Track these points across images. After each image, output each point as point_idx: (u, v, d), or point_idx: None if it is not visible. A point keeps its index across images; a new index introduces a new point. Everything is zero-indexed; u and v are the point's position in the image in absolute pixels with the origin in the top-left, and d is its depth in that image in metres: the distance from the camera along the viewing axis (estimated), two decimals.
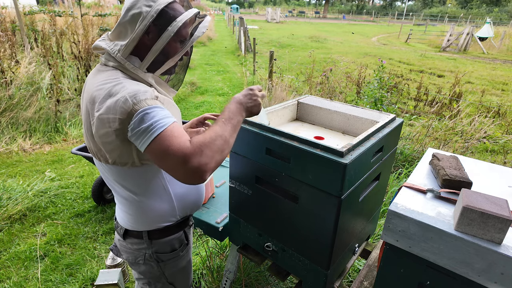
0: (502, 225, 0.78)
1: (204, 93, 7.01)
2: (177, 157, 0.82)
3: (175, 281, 1.24)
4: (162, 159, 0.84)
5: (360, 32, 24.62)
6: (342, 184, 0.99)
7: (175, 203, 1.13)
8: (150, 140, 0.83)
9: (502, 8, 50.70)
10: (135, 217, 1.10)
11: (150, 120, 0.84)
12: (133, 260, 1.17)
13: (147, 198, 1.07)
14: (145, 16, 0.91)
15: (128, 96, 0.85)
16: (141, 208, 1.09)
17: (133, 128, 0.85)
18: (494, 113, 5.32)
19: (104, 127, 0.88)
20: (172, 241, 1.16)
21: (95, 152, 1.00)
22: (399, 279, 0.99)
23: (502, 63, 12.52)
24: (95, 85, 0.91)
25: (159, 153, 0.84)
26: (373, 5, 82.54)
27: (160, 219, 1.12)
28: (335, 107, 1.54)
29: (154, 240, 1.13)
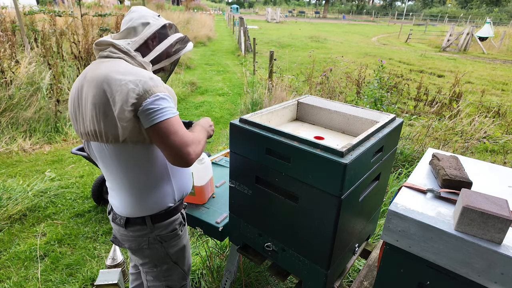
0: (502, 225, 0.78)
1: (204, 93, 7.01)
2: (180, 141, 1.01)
3: (179, 260, 1.32)
4: (167, 138, 1.00)
5: (360, 32, 24.62)
6: (342, 184, 0.99)
7: (174, 186, 1.21)
8: (162, 119, 0.99)
9: (502, 8, 50.70)
10: (138, 203, 1.16)
11: (164, 105, 1.01)
12: (136, 247, 1.23)
13: (151, 178, 1.14)
14: (152, 25, 1.15)
15: (148, 78, 1.02)
16: (146, 190, 1.14)
17: (147, 105, 0.99)
18: (494, 113, 5.32)
19: (122, 101, 0.98)
20: (172, 222, 1.25)
21: (105, 133, 1.04)
22: (399, 279, 0.99)
23: (502, 63, 12.52)
24: (108, 71, 1.02)
25: (166, 132, 1.00)
26: (373, 5, 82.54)
27: (162, 202, 1.19)
28: (335, 107, 1.54)
29: (156, 223, 1.20)
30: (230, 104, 6.23)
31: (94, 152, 1.14)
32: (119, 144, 1.05)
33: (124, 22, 1.16)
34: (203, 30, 15.71)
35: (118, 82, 0.99)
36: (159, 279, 1.32)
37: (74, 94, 1.10)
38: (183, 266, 1.36)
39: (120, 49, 1.09)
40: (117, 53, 1.09)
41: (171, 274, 1.33)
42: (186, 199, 1.65)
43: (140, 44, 1.13)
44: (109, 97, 0.99)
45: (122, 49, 1.09)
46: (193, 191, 1.60)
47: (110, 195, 1.23)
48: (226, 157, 2.16)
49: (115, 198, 1.20)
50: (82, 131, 1.10)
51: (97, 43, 1.13)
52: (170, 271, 1.32)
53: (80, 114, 1.08)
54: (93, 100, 1.01)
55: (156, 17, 1.18)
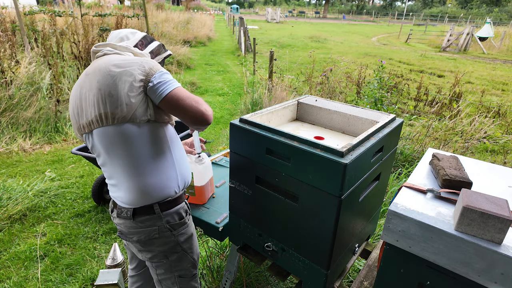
0: (502, 225, 0.78)
1: (204, 93, 7.01)
2: (192, 102, 1.11)
3: (188, 248, 1.35)
4: (182, 103, 1.10)
5: (360, 32, 24.62)
6: (342, 184, 0.99)
7: (177, 171, 1.25)
8: (172, 89, 1.10)
9: (502, 8, 50.68)
10: (144, 190, 1.18)
11: (169, 78, 1.13)
12: (146, 237, 1.24)
13: (156, 160, 1.18)
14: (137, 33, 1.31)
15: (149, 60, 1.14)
16: (150, 176, 1.17)
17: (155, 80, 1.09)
18: (494, 113, 5.32)
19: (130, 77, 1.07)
20: (179, 210, 1.29)
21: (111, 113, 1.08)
22: (399, 279, 0.99)
23: (502, 63, 12.52)
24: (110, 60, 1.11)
25: (179, 99, 1.10)
26: (373, 5, 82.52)
27: (168, 187, 1.22)
28: (335, 107, 1.54)
29: (164, 211, 1.23)
30: (230, 104, 6.23)
31: (97, 143, 1.15)
32: (125, 125, 1.10)
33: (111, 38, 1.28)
34: (203, 30, 15.70)
35: (123, 64, 1.08)
36: (171, 270, 1.34)
37: (76, 91, 1.15)
38: (192, 254, 1.38)
39: (116, 47, 1.20)
40: (113, 50, 1.19)
41: (181, 263, 1.35)
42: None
43: (136, 43, 1.26)
44: (115, 78, 1.07)
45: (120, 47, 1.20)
46: (193, 191, 1.60)
47: (113, 190, 1.23)
48: (226, 157, 2.16)
49: (120, 190, 1.20)
50: (85, 123, 1.12)
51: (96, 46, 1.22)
52: (180, 260, 1.34)
53: (82, 107, 1.13)
54: (98, 85, 1.08)
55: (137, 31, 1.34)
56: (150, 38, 1.34)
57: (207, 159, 1.58)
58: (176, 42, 10.93)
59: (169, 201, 1.24)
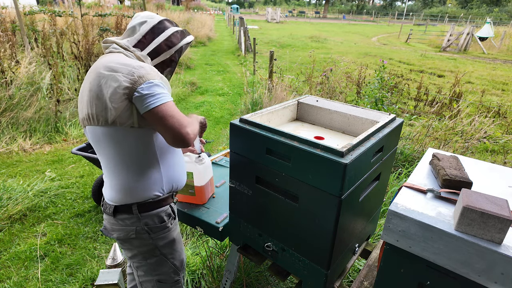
0: (502, 225, 0.78)
1: (204, 93, 7.01)
2: (178, 123, 1.08)
3: (168, 254, 1.32)
4: (166, 121, 1.07)
5: (360, 32, 24.62)
6: (342, 184, 0.99)
7: (163, 175, 1.24)
8: (159, 104, 1.07)
9: (502, 8, 50.66)
10: (125, 188, 1.19)
11: (158, 91, 1.09)
12: (125, 236, 1.24)
13: (140, 163, 1.18)
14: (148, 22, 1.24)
15: (141, 66, 1.10)
16: (132, 176, 1.18)
17: (143, 91, 1.06)
18: (494, 113, 5.32)
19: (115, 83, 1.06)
20: (160, 213, 1.26)
21: (96, 115, 1.10)
22: (399, 279, 0.99)
23: (502, 63, 12.52)
24: (107, 59, 1.11)
25: (164, 116, 1.07)
26: (373, 5, 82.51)
27: (150, 189, 1.21)
28: (335, 107, 1.54)
29: (143, 213, 1.22)
30: (230, 104, 6.23)
31: (90, 138, 1.20)
32: (110, 127, 1.10)
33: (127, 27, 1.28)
34: (203, 30, 15.70)
35: (113, 69, 1.07)
36: (150, 273, 1.32)
37: (82, 86, 1.20)
38: (173, 260, 1.35)
39: (121, 45, 1.20)
40: (118, 48, 1.20)
41: (161, 267, 1.32)
42: (186, 199, 1.65)
43: (139, 40, 1.22)
44: (102, 82, 1.07)
45: (122, 45, 1.20)
46: (193, 191, 1.60)
47: (104, 186, 1.27)
48: (226, 157, 2.16)
49: (107, 186, 1.24)
50: (81, 117, 1.17)
51: (104, 41, 1.24)
52: (160, 264, 1.31)
53: (80, 103, 1.17)
54: (89, 86, 1.10)
55: (154, 15, 1.26)
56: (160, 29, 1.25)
57: (207, 159, 1.58)
58: None
59: (150, 203, 1.23)
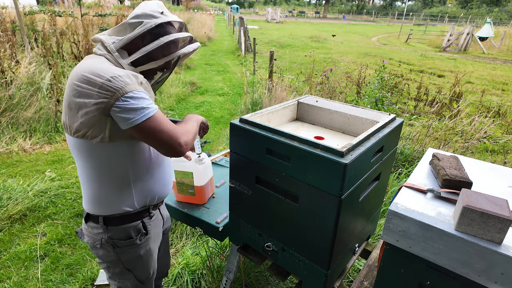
0: (502, 225, 0.78)
1: (204, 93, 7.01)
2: (168, 136, 1.03)
3: (133, 268, 1.28)
4: (155, 135, 1.02)
5: (360, 32, 24.61)
6: (342, 184, 0.99)
7: (134, 192, 1.18)
8: (145, 119, 1.00)
9: (502, 8, 50.64)
10: (93, 199, 1.15)
11: (141, 104, 1.00)
12: (92, 243, 1.22)
13: (109, 177, 1.12)
14: (145, 24, 1.10)
15: (118, 76, 0.99)
16: (100, 189, 1.14)
17: (123, 105, 0.97)
18: (494, 113, 5.32)
19: (83, 98, 0.98)
20: (128, 229, 1.20)
21: (68, 125, 1.06)
22: (399, 279, 0.99)
23: (502, 63, 12.52)
24: (84, 66, 1.02)
25: (152, 131, 1.02)
26: (373, 5, 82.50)
27: (117, 205, 1.16)
28: (335, 107, 1.54)
29: (109, 226, 1.18)
30: (230, 104, 6.23)
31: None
32: (79, 139, 1.05)
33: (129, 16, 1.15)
34: (203, 30, 15.70)
35: (87, 80, 0.98)
36: (113, 279, 1.31)
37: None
38: (138, 275, 1.30)
39: (105, 46, 1.10)
40: (102, 50, 1.10)
41: (124, 278, 1.29)
42: (186, 199, 1.65)
43: (126, 43, 1.10)
44: (76, 94, 0.99)
45: (107, 47, 1.09)
46: (193, 191, 1.60)
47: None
48: (226, 157, 2.16)
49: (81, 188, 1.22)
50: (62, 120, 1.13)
51: (93, 40, 1.15)
52: (123, 275, 1.28)
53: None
54: (66, 93, 1.04)
55: (155, 15, 1.12)
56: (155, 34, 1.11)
57: (207, 159, 1.58)
58: None
59: (117, 217, 1.17)
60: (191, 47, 1.20)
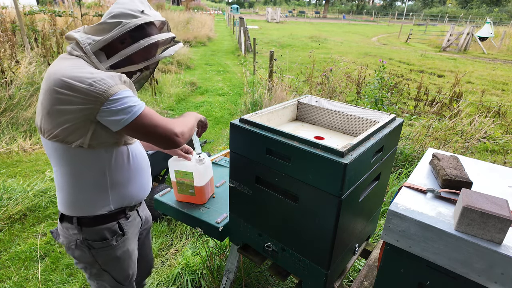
0: (502, 225, 0.78)
1: (204, 93, 7.01)
2: (163, 130, 1.03)
3: (110, 269, 1.25)
4: (149, 130, 1.02)
5: (360, 32, 24.62)
6: (342, 184, 0.99)
7: (110, 194, 1.15)
8: (135, 117, 0.98)
9: (502, 8, 50.66)
10: (68, 201, 1.14)
11: (128, 103, 0.98)
12: (67, 244, 1.20)
13: (84, 180, 1.10)
14: (123, 25, 1.04)
15: (96, 81, 0.95)
16: (76, 193, 1.12)
17: (110, 109, 0.96)
18: (494, 113, 5.32)
19: (65, 105, 0.95)
20: (103, 230, 1.18)
21: (45, 130, 1.02)
22: (399, 279, 0.99)
23: (502, 63, 12.52)
24: (63, 69, 0.97)
25: (145, 127, 1.01)
26: (373, 5, 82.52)
27: (91, 207, 1.14)
28: (335, 107, 1.54)
29: (84, 227, 1.16)
30: (230, 104, 6.23)
31: None
32: (56, 143, 1.03)
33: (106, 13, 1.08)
34: (203, 30, 15.70)
35: (68, 86, 0.93)
36: (92, 279, 1.29)
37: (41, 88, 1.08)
38: (116, 276, 1.28)
39: (81, 47, 1.04)
40: (77, 51, 1.04)
41: (101, 280, 1.28)
42: (186, 199, 1.65)
43: (104, 45, 1.05)
44: (54, 100, 0.96)
45: (83, 48, 1.04)
46: (193, 191, 1.60)
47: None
48: (226, 157, 2.16)
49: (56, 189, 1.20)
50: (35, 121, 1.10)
51: (66, 37, 1.08)
52: (100, 276, 1.27)
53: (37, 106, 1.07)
54: (42, 98, 1.00)
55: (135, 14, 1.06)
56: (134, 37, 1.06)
57: (207, 159, 1.58)
58: None
59: (91, 219, 1.15)
60: (172, 50, 1.16)
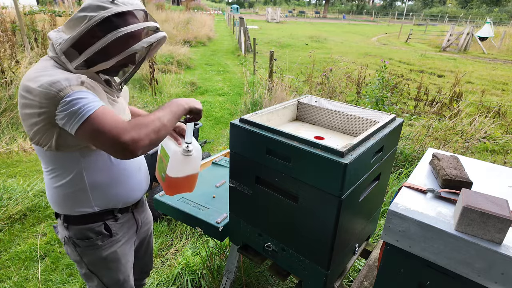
0: (502, 225, 0.78)
1: (204, 93, 7.01)
2: (111, 133, 0.90)
3: (96, 271, 1.23)
4: (97, 137, 0.91)
5: (360, 32, 24.62)
6: (342, 184, 0.99)
7: (90, 194, 1.12)
8: (82, 121, 0.90)
9: (502, 8, 50.68)
10: (52, 199, 1.15)
11: (78, 104, 0.90)
12: (62, 239, 1.22)
13: (61, 182, 1.10)
14: (89, 19, 0.96)
15: (50, 83, 0.91)
16: (57, 191, 1.12)
17: (62, 112, 0.91)
18: (494, 113, 5.32)
19: (28, 109, 0.95)
20: (87, 230, 1.16)
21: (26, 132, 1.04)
22: (399, 279, 0.99)
23: (502, 63, 12.52)
24: (29, 72, 0.98)
25: (92, 132, 0.91)
26: (373, 5, 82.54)
27: (72, 206, 1.13)
28: (335, 107, 1.54)
29: (70, 225, 1.16)
30: (230, 104, 6.23)
31: None
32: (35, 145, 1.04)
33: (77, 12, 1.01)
34: (203, 30, 15.70)
35: (29, 90, 0.93)
36: (84, 279, 1.28)
37: None
38: (103, 278, 1.25)
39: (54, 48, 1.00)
40: (52, 51, 1.02)
41: (90, 281, 1.26)
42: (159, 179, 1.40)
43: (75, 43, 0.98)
44: (21, 103, 0.97)
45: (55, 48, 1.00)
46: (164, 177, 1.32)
47: None
48: (226, 157, 2.16)
49: None
50: None
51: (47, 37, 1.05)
52: (88, 278, 1.25)
53: None
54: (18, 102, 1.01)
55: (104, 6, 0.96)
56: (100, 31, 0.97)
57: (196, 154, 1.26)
58: (176, 42, 10.93)
59: (76, 217, 1.15)
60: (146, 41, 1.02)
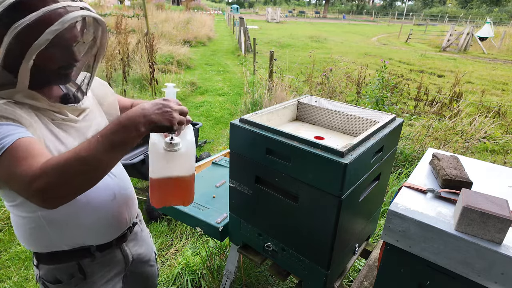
0: (502, 225, 0.78)
1: (204, 93, 7.01)
2: (21, 179, 0.72)
3: None
4: (7, 182, 0.77)
5: (360, 32, 24.62)
6: (342, 184, 0.99)
7: (49, 233, 0.96)
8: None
9: (502, 8, 50.69)
10: (18, 233, 1.01)
11: None
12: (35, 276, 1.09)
13: (19, 217, 0.97)
14: None
15: None
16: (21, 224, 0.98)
17: None
18: (494, 113, 5.32)
19: None
20: (56, 271, 1.01)
21: None
22: (399, 279, 0.99)
23: (502, 63, 12.52)
24: None
25: (2, 176, 0.76)
26: (373, 5, 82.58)
27: (40, 242, 0.98)
28: (335, 107, 1.54)
29: (40, 263, 1.02)
30: (230, 104, 6.23)
31: None
32: None
33: None
34: (203, 30, 15.70)
35: None
36: None
37: None
38: None
39: None
40: None
41: None
42: None
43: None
44: None
45: None
46: None
47: None
48: (226, 157, 2.16)
49: None
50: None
51: None
52: None
53: None
54: None
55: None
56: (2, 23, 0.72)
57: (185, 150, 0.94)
58: (176, 42, 10.94)
59: (47, 255, 1.00)
60: (51, 30, 0.73)
